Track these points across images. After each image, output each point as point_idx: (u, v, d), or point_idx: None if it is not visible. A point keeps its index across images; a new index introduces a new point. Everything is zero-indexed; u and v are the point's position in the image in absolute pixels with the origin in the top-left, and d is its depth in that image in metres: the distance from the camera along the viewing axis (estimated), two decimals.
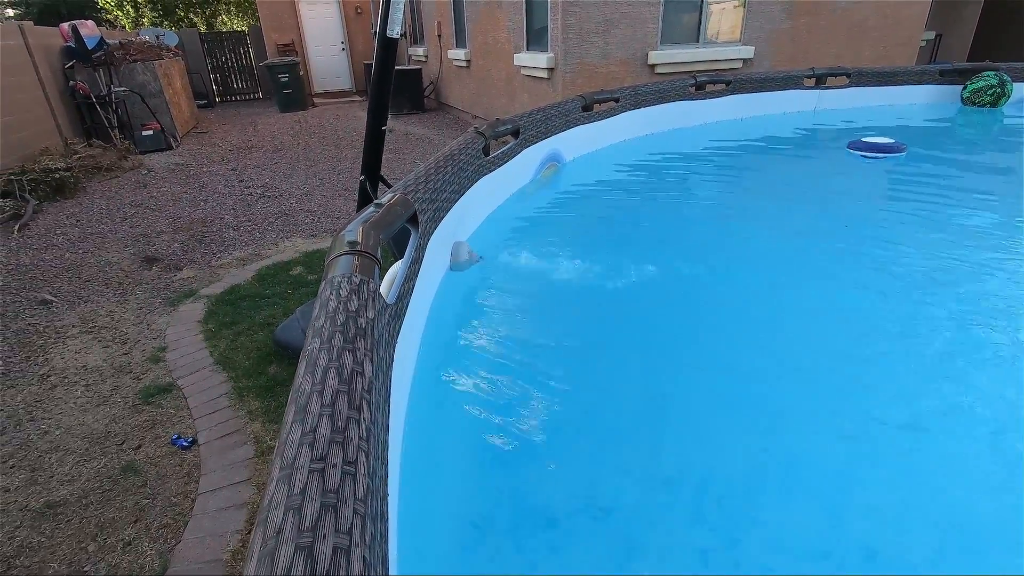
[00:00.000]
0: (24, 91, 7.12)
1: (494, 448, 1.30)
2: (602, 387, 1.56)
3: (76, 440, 2.58)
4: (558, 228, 2.48)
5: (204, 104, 13.30)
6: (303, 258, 4.46)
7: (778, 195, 2.94)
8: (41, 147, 7.08)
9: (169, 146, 8.66)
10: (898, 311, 1.80)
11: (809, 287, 1.99)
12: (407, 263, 1.31)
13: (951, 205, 2.59)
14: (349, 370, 0.69)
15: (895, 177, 3.03)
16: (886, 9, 7.29)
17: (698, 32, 6.75)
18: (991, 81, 4.30)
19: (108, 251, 4.75)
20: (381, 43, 2.55)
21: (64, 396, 2.89)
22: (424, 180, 1.55)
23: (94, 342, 3.38)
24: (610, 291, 1.98)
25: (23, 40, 7.22)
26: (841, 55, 7.27)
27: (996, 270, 1.98)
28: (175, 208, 5.88)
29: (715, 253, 2.29)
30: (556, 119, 2.83)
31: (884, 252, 2.18)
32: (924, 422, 1.37)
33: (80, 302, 3.88)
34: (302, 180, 6.81)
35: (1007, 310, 1.76)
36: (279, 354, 3.11)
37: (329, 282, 0.92)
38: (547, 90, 6.84)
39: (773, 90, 4.11)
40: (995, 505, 1.14)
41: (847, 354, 1.63)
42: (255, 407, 2.72)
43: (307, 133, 9.76)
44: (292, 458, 0.54)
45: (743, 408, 1.45)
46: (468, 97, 10.01)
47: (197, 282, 4.14)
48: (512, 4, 7.33)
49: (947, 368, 1.54)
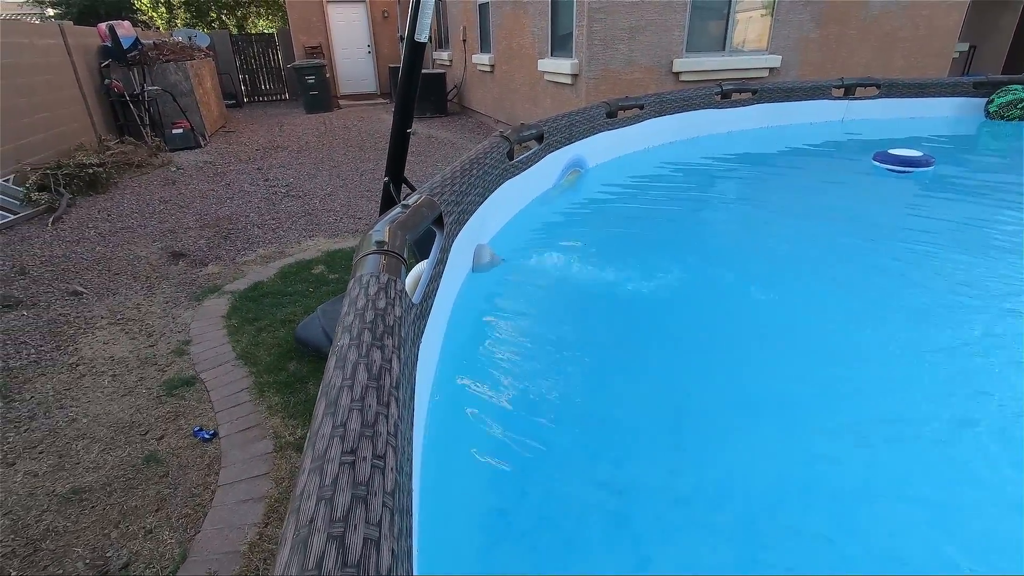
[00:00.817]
0: (62, 89, 7.35)
1: (512, 448, 1.30)
2: (621, 389, 1.56)
3: (102, 428, 2.64)
4: (579, 233, 2.48)
5: (232, 104, 13.58)
6: (325, 257, 4.52)
7: (800, 206, 2.90)
8: (76, 143, 7.29)
9: (198, 144, 8.85)
10: (921, 324, 1.77)
11: (830, 298, 1.96)
12: (432, 264, 1.32)
13: (977, 223, 2.53)
14: (378, 366, 0.70)
15: (921, 192, 2.97)
16: (919, 19, 7.17)
17: (724, 40, 6.70)
18: (1020, 95, 4.19)
19: (137, 245, 4.87)
20: (409, 47, 2.59)
21: (92, 385, 2.97)
22: (450, 182, 1.56)
23: (121, 334, 3.47)
24: (629, 296, 1.97)
25: (63, 39, 7.45)
26: (870, 65, 7.16)
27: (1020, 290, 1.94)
28: (202, 205, 6.01)
29: (736, 261, 2.27)
30: (580, 125, 2.84)
31: (907, 267, 2.14)
32: (947, 434, 1.34)
33: (109, 294, 3.97)
34: (326, 180, 6.90)
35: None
36: (299, 351, 3.15)
37: (358, 280, 0.93)
38: (570, 96, 6.85)
39: (800, 100, 4.07)
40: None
41: (866, 363, 1.60)
42: (275, 402, 2.76)
43: (331, 134, 9.90)
44: (323, 450, 0.56)
45: (764, 414, 1.44)
46: (491, 101, 10.06)
47: (222, 278, 4.21)
48: (537, 10, 7.36)
49: (969, 382, 1.50)
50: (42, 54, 6.97)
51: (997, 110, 4.31)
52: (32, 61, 6.72)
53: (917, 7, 7.10)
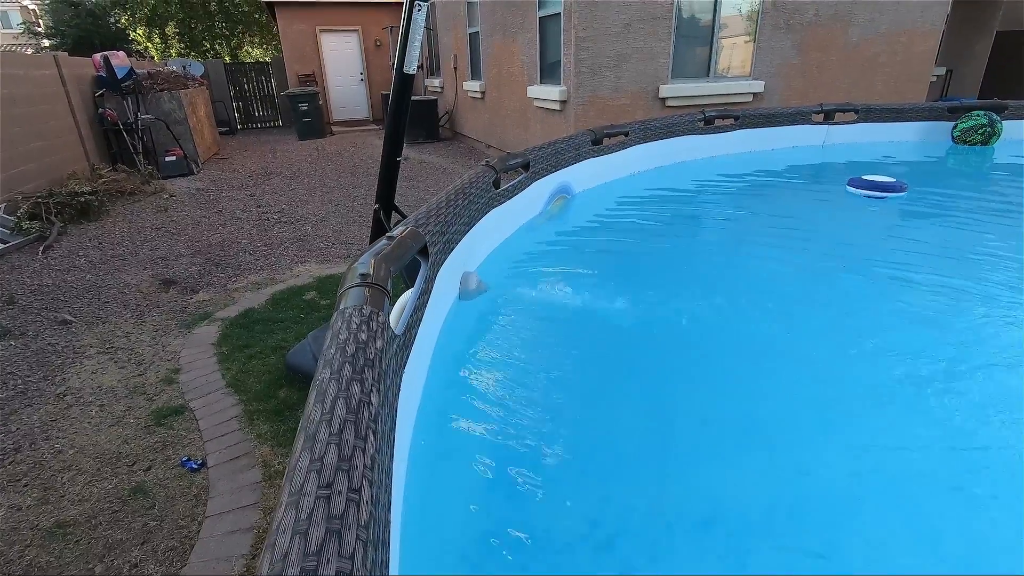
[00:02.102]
0: (56, 118, 7.41)
1: (497, 474, 1.31)
2: (608, 417, 1.58)
3: (88, 460, 2.62)
4: (566, 259, 2.52)
5: (226, 131, 13.70)
6: (316, 283, 4.54)
7: (779, 231, 2.97)
8: (69, 171, 7.33)
9: (191, 171, 8.91)
10: (900, 345, 1.81)
11: (813, 322, 2.00)
12: (417, 294, 1.35)
13: (953, 247, 2.59)
14: (356, 400, 0.72)
15: (895, 219, 3.03)
16: (897, 45, 7.40)
17: (709, 66, 6.88)
18: (981, 121, 4.34)
19: (128, 273, 4.87)
20: (398, 79, 2.65)
21: (79, 416, 2.95)
22: (435, 213, 1.60)
23: (110, 362, 3.45)
24: (616, 322, 2.00)
25: (57, 70, 7.54)
26: (852, 90, 7.36)
27: (996, 311, 1.98)
28: (194, 232, 6.03)
29: (720, 286, 2.31)
30: (566, 152, 2.90)
31: (888, 290, 2.19)
32: (928, 453, 1.37)
33: (98, 323, 3.96)
34: (318, 206, 6.95)
35: (1010, 347, 1.75)
36: (290, 378, 3.15)
37: (341, 313, 0.96)
38: (560, 122, 6.98)
39: (781, 125, 4.17)
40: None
41: (850, 385, 1.63)
42: (264, 431, 2.75)
43: (324, 160, 10.00)
44: (300, 484, 0.57)
45: (751, 437, 1.46)
46: (482, 127, 10.22)
47: (212, 305, 4.22)
48: (526, 39, 7.54)
49: (950, 401, 1.53)
50: (37, 85, 7.05)
51: (960, 135, 4.46)
52: (27, 92, 6.79)
53: (895, 34, 7.33)
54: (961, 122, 4.43)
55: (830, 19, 7.00)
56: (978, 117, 4.34)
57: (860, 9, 7.07)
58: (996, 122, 4.32)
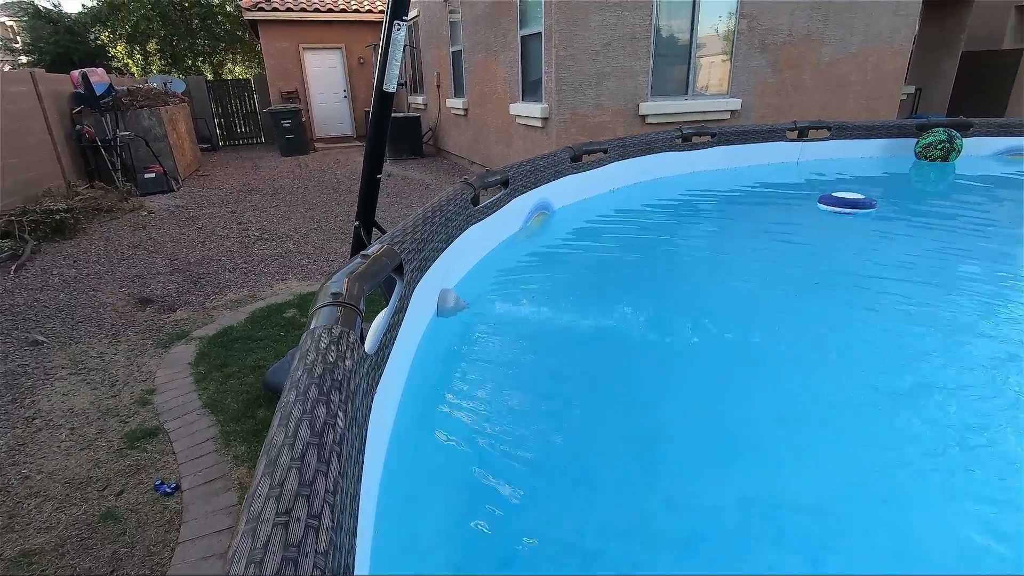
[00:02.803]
0: (32, 135, 7.30)
1: (476, 496, 1.30)
2: (588, 435, 1.57)
3: (57, 485, 2.54)
4: (545, 275, 2.53)
5: (207, 148, 13.61)
6: (297, 300, 4.49)
7: (753, 246, 3.02)
8: (44, 189, 7.21)
9: (170, 188, 8.81)
10: (875, 360, 1.83)
11: (793, 339, 2.02)
12: (391, 312, 1.34)
13: (921, 261, 2.63)
14: (321, 422, 0.71)
15: (865, 235, 3.08)
16: (867, 65, 7.62)
17: (687, 84, 7.02)
18: (940, 137, 4.50)
19: (103, 292, 4.78)
20: (378, 96, 2.67)
21: (48, 440, 2.86)
22: (412, 230, 1.60)
23: (83, 384, 3.37)
24: (596, 338, 2.00)
25: (34, 87, 7.45)
26: (826, 107, 7.55)
27: (965, 321, 2.03)
28: (172, 249, 5.95)
29: (699, 301, 2.34)
30: (546, 169, 2.93)
31: (859, 304, 2.23)
32: (901, 467, 1.38)
33: (71, 343, 3.87)
34: (300, 222, 6.91)
35: (983, 356, 1.79)
36: (269, 398, 3.10)
37: (310, 333, 0.95)
38: (542, 138, 7.05)
39: (757, 142, 4.26)
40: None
41: (826, 400, 1.65)
42: (241, 452, 2.69)
43: (307, 177, 9.96)
44: (259, 511, 0.56)
45: (734, 454, 1.46)
46: (466, 144, 10.28)
47: (190, 324, 4.15)
48: (508, 58, 7.63)
49: (921, 415, 1.56)
50: (12, 101, 6.95)
51: (921, 151, 4.61)
52: (1, 108, 6.69)
53: (865, 54, 7.56)
54: (922, 138, 4.58)
55: (803, 39, 7.20)
56: (938, 134, 4.50)
57: (831, 29, 7.28)
58: (955, 138, 4.47)
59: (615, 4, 6.27)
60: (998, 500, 1.27)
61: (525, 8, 7.03)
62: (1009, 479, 1.34)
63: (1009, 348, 1.83)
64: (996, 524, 1.21)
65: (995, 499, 1.28)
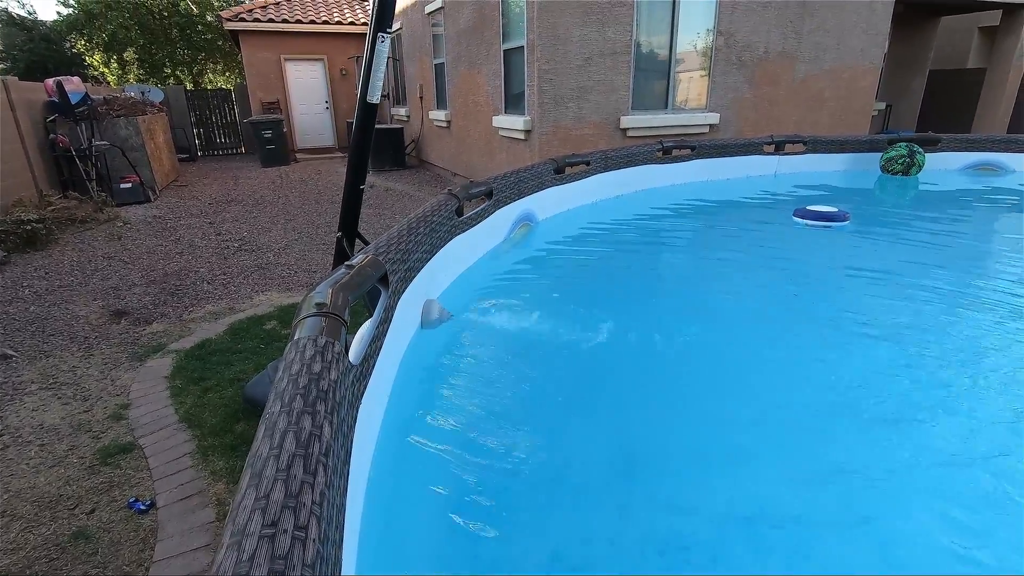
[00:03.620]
0: (2, 144, 7.13)
1: (460, 504, 1.29)
2: (573, 445, 1.57)
3: (25, 505, 2.45)
4: (529, 286, 2.54)
5: (186, 158, 13.43)
6: (278, 312, 4.43)
7: (731, 256, 3.08)
8: (15, 198, 7.03)
9: (147, 198, 8.66)
10: (853, 369, 1.87)
11: (768, 344, 2.05)
12: (375, 323, 1.34)
13: (890, 281, 2.69)
14: (307, 433, 0.70)
15: (839, 247, 3.15)
16: (840, 81, 7.85)
17: (667, 99, 7.14)
18: (901, 151, 4.65)
19: (76, 304, 4.66)
20: (362, 108, 2.67)
21: (16, 457, 2.77)
22: (396, 241, 1.60)
23: (53, 399, 3.27)
24: (580, 348, 2.01)
25: (5, 95, 7.29)
26: (802, 122, 7.74)
27: (942, 331, 2.08)
28: (149, 261, 5.84)
29: (681, 311, 2.37)
30: (529, 181, 2.95)
31: (831, 316, 2.27)
32: (881, 471, 1.41)
33: (42, 356, 3.77)
34: (280, 234, 6.84)
35: (955, 363, 1.84)
36: (248, 411, 3.04)
37: (295, 344, 0.94)
38: (524, 150, 7.10)
39: (735, 155, 4.35)
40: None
41: (809, 407, 1.67)
42: (219, 467, 2.64)
43: (288, 188, 9.87)
44: (243, 524, 0.55)
45: (713, 463, 1.47)
46: (448, 155, 10.30)
47: (167, 336, 4.06)
48: (491, 71, 7.70)
49: (896, 418, 1.59)
50: None
51: (884, 164, 4.76)
52: None
53: (838, 70, 7.78)
54: (886, 153, 4.73)
55: (778, 55, 7.39)
56: (899, 148, 4.66)
57: (805, 47, 7.49)
58: (916, 153, 4.61)
59: (596, 20, 6.38)
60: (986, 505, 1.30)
61: (508, 22, 7.11)
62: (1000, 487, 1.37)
63: (992, 353, 1.88)
64: (987, 533, 1.24)
65: (982, 504, 1.31)
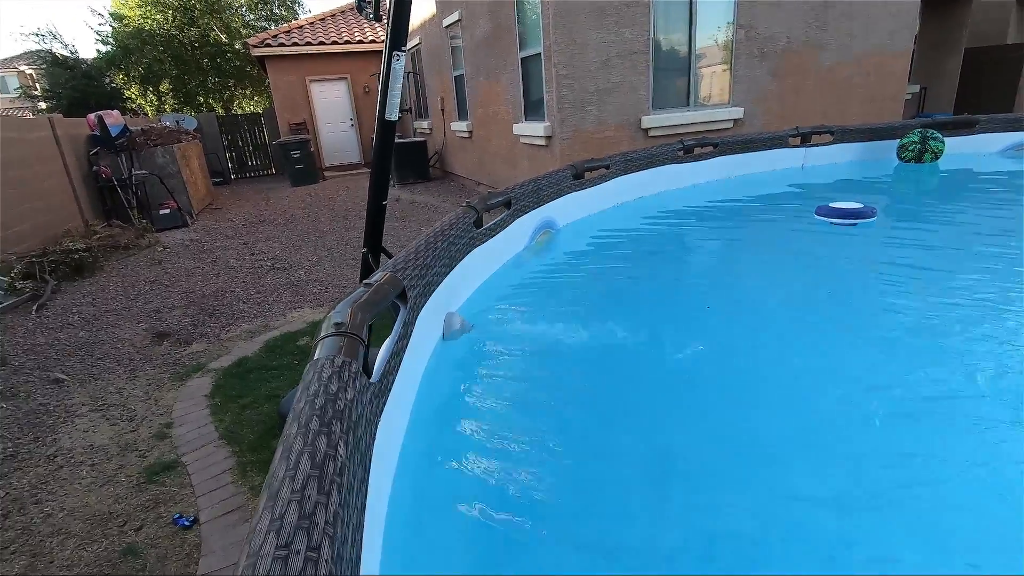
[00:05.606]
0: (51, 178, 7.53)
1: (488, 515, 1.29)
2: (602, 455, 1.55)
3: (78, 523, 2.57)
4: (551, 294, 2.54)
5: (220, 181, 13.91)
6: (310, 328, 4.54)
7: (757, 258, 3.00)
8: (64, 229, 7.40)
9: (185, 223, 9.00)
10: (890, 372, 1.81)
11: (799, 351, 2.00)
12: (394, 339, 1.36)
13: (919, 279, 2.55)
14: (322, 454, 0.72)
15: (867, 247, 3.01)
16: (869, 67, 7.61)
17: (688, 96, 7.06)
18: (913, 138, 4.47)
19: (121, 328, 4.87)
20: (380, 125, 2.73)
21: (69, 477, 2.90)
22: (415, 256, 1.62)
23: (102, 420, 3.42)
24: (603, 355, 2.00)
25: (52, 131, 7.70)
26: (829, 112, 7.53)
27: (975, 336, 1.98)
28: (188, 283, 6.06)
29: (707, 315, 2.32)
30: (548, 188, 2.95)
31: (861, 319, 2.20)
32: (911, 477, 1.36)
33: (91, 380, 3.94)
34: (311, 251, 7.01)
35: (992, 370, 1.75)
36: (283, 426, 3.12)
37: (313, 364, 0.96)
38: (546, 156, 7.11)
39: (760, 150, 4.26)
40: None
41: (845, 414, 1.62)
42: (258, 483, 2.71)
43: (317, 205, 10.12)
44: (259, 546, 0.57)
45: (748, 468, 1.44)
46: (471, 165, 10.39)
47: (206, 356, 4.21)
48: (510, 79, 7.74)
49: (937, 422, 1.53)
50: (32, 147, 7.20)
51: (898, 152, 4.59)
52: (22, 154, 6.92)
53: (867, 55, 7.56)
54: (901, 139, 4.57)
55: (802, 45, 7.22)
56: (912, 135, 4.48)
57: (830, 36, 7.30)
58: (929, 139, 4.42)
59: (612, 22, 6.36)
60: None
61: (524, 31, 7.15)
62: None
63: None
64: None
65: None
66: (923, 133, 4.45)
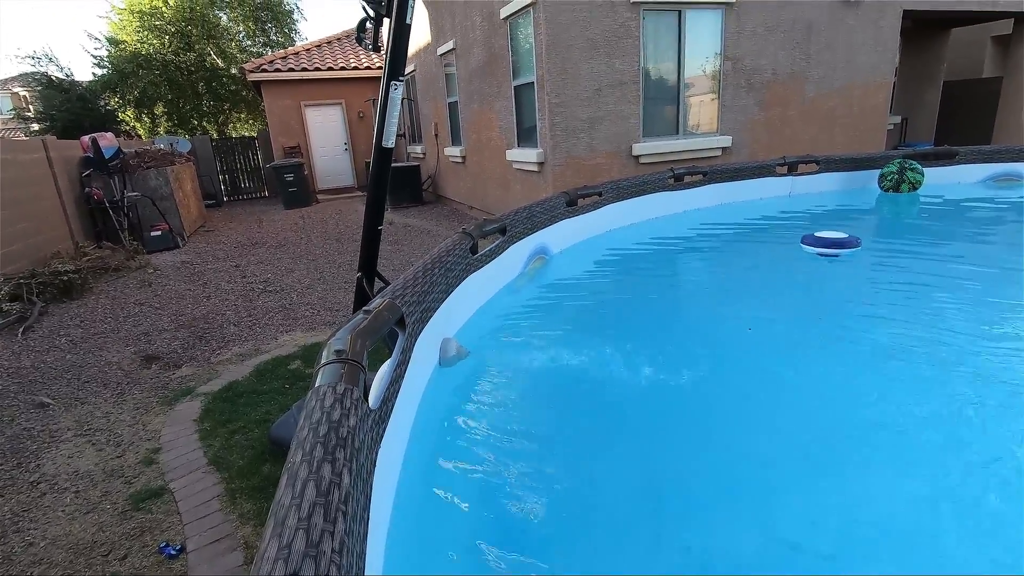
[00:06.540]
0: (42, 200, 7.50)
1: (484, 544, 1.29)
2: (598, 479, 1.56)
3: (61, 552, 2.51)
4: (546, 319, 2.56)
5: (213, 204, 13.91)
6: (302, 352, 4.51)
7: (743, 285, 3.06)
8: (54, 251, 7.35)
9: (176, 245, 8.97)
10: (878, 397, 1.84)
11: (789, 377, 2.03)
12: (393, 365, 1.37)
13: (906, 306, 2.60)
14: (327, 482, 0.73)
15: (851, 277, 3.07)
16: (851, 99, 7.85)
17: (678, 124, 7.22)
18: (892, 168, 4.62)
19: (109, 351, 4.81)
20: (377, 152, 2.77)
21: (52, 504, 2.84)
22: (412, 283, 1.64)
23: (88, 445, 3.36)
24: (597, 381, 2.02)
25: (45, 153, 7.71)
26: (816, 141, 7.73)
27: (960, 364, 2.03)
28: (178, 305, 6.01)
29: (700, 341, 2.35)
30: (541, 215, 3.00)
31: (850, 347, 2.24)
32: (915, 504, 1.37)
33: (77, 404, 3.88)
34: (303, 274, 7.00)
35: (973, 398, 1.79)
36: (274, 452, 3.08)
37: (315, 392, 0.97)
38: (538, 182, 7.21)
39: (748, 178, 4.36)
40: None
41: (838, 439, 1.64)
42: (247, 509, 2.67)
43: (310, 228, 10.13)
44: (267, 574, 0.58)
45: (742, 499, 1.45)
46: (464, 190, 10.49)
47: (195, 380, 4.16)
48: (503, 106, 7.89)
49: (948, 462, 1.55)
50: (24, 168, 7.18)
51: (878, 181, 4.74)
52: (14, 175, 6.91)
53: (849, 88, 7.80)
54: (881, 170, 4.71)
55: (787, 77, 7.44)
56: (891, 165, 4.62)
57: (814, 67, 7.54)
58: (907, 170, 4.55)
59: (603, 53, 6.53)
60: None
61: (518, 59, 7.31)
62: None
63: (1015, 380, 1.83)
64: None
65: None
66: (902, 164, 4.58)
